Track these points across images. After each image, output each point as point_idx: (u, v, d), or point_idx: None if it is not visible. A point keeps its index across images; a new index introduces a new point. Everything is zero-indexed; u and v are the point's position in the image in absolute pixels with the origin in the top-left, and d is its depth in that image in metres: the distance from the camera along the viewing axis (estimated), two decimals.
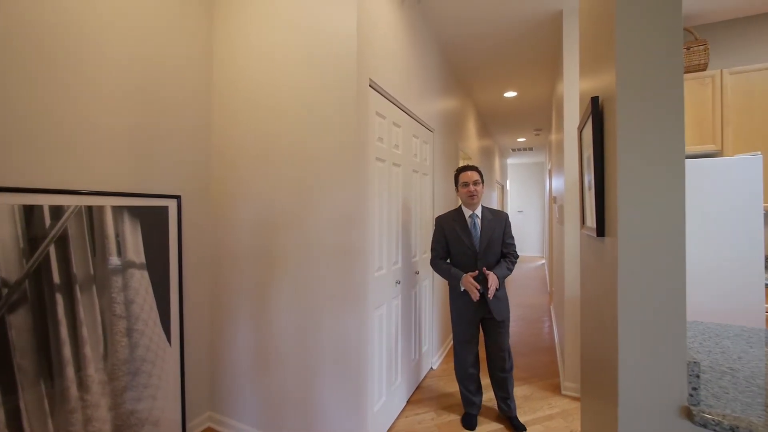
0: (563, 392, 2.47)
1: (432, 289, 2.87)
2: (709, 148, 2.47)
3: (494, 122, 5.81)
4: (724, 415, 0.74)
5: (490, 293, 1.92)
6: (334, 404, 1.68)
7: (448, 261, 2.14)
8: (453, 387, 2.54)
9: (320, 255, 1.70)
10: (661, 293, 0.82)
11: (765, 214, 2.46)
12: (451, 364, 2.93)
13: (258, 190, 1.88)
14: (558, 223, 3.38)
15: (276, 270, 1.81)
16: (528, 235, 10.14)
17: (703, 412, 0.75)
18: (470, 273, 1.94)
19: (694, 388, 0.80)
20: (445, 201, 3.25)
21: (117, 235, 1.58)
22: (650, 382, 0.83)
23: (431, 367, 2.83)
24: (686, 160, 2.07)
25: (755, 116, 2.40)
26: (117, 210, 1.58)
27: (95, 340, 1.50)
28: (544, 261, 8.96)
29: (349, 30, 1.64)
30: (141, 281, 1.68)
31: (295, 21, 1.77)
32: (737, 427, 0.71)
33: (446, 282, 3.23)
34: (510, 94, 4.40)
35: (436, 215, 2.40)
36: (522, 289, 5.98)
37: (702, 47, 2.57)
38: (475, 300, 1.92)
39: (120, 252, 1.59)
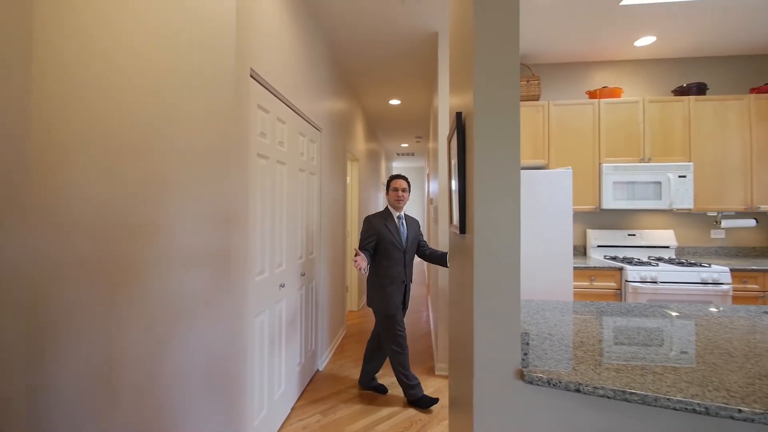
0: (437, 373, 2.77)
1: (319, 289, 2.85)
2: (541, 161, 3.13)
3: (381, 127, 6.13)
4: (543, 371, 0.94)
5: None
6: (208, 428, 1.50)
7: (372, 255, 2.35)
8: (340, 385, 2.58)
9: (190, 261, 1.49)
10: (503, 278, 1.00)
11: (573, 214, 3.25)
12: (339, 363, 2.97)
13: (101, 189, 1.53)
14: (434, 222, 3.77)
15: (129, 281, 1.51)
16: None
17: (531, 372, 0.94)
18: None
19: (525, 354, 1.00)
20: (333, 201, 3.27)
21: None
22: (495, 352, 1.01)
23: (317, 369, 2.81)
24: (524, 170, 2.58)
25: (569, 139, 3.14)
26: None
27: None
28: None
29: (227, 11, 1.49)
30: None
31: None
32: (551, 379, 0.91)
33: (331, 282, 3.25)
34: (395, 101, 4.71)
35: (323, 214, 2.39)
36: None
37: (536, 82, 3.23)
38: (359, 269, 2.14)
39: None
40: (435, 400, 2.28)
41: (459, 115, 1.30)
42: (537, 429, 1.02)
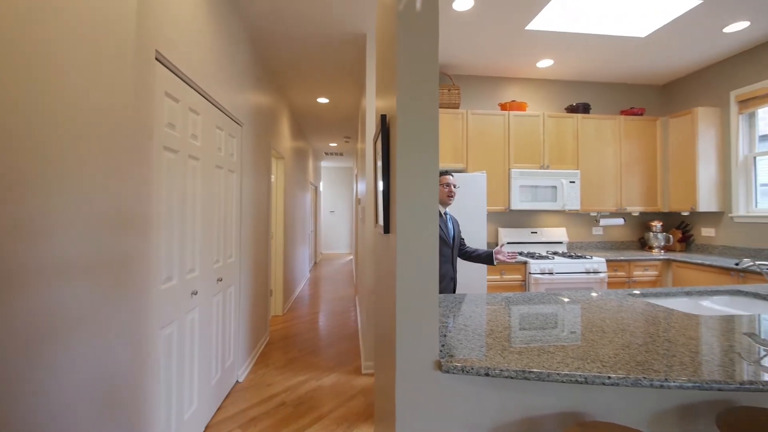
0: (363, 372, 2.80)
1: (239, 294, 2.66)
2: (460, 165, 3.36)
3: (309, 125, 5.98)
4: (458, 360, 1.01)
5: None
6: None
7: None
8: (263, 395, 2.44)
9: (73, 269, 1.27)
10: (422, 276, 1.05)
11: (487, 214, 3.56)
12: (261, 372, 2.81)
13: None
14: (361, 222, 3.80)
15: None
16: (339, 234, 10.98)
17: (447, 362, 1.01)
18: None
19: (443, 345, 1.06)
20: (256, 201, 3.09)
21: None
22: (415, 346, 1.05)
23: (237, 381, 2.62)
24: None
25: (484, 146, 3.44)
26: None
27: None
28: (352, 257, 9.91)
29: None
30: None
31: None
32: (465, 367, 0.99)
33: (253, 286, 3.07)
34: (323, 100, 4.63)
35: (244, 214, 2.23)
36: (332, 284, 6.40)
37: (457, 91, 3.47)
38: None
39: None
40: None
41: (384, 117, 1.33)
42: (453, 413, 1.09)
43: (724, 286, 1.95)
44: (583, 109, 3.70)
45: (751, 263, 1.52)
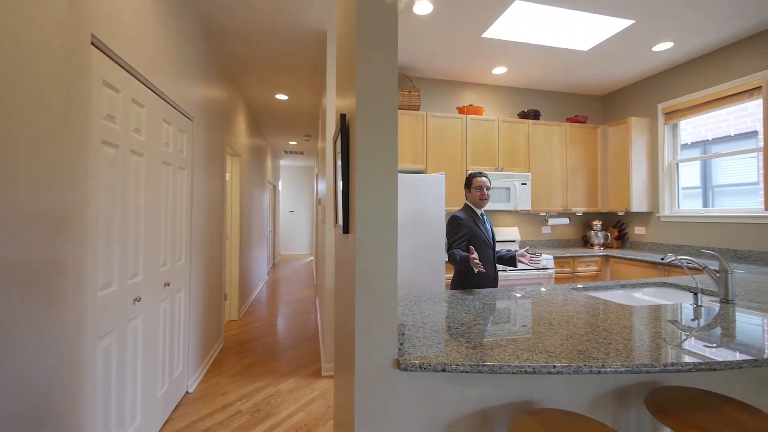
0: (324, 374, 2.76)
1: (189, 299, 2.51)
2: (420, 166, 3.43)
3: (267, 122, 5.78)
4: (416, 357, 1.03)
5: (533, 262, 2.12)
6: None
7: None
8: (215, 405, 2.32)
9: None
10: (381, 276, 1.06)
11: (446, 214, 3.66)
12: (214, 380, 2.67)
13: None
14: (321, 222, 3.74)
15: None
16: (299, 234, 10.73)
17: (406, 360, 1.02)
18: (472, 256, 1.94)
19: (401, 344, 1.07)
20: (209, 200, 2.92)
21: None
22: (375, 345, 1.06)
23: (187, 391, 2.46)
24: (405, 174, 2.80)
25: (443, 147, 3.54)
26: None
27: None
28: (312, 258, 9.73)
29: None
30: None
31: None
32: (422, 364, 1.01)
33: (205, 290, 2.91)
34: (282, 96, 4.50)
35: (195, 214, 2.10)
36: (292, 286, 6.25)
37: (417, 93, 3.53)
38: (479, 270, 1.94)
39: None
40: None
41: (343, 117, 1.32)
42: (412, 410, 1.11)
43: (652, 279, 2.17)
44: (534, 115, 3.93)
45: (674, 258, 1.71)
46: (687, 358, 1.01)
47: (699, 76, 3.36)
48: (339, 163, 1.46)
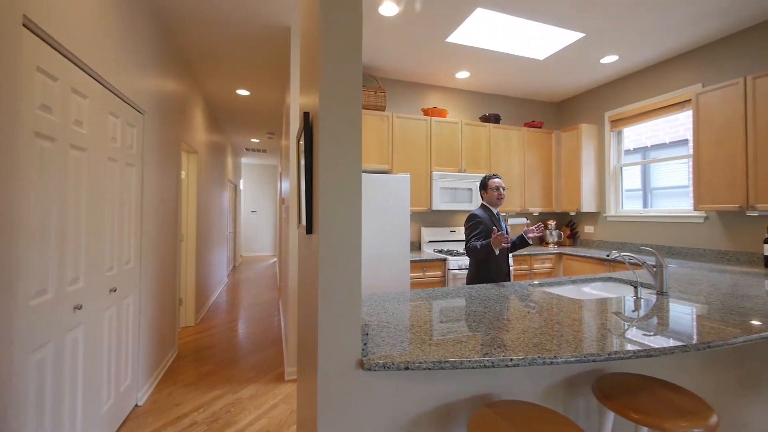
0: (286, 378, 2.69)
1: (138, 306, 2.34)
2: (385, 167, 3.45)
3: (228, 118, 5.54)
4: (380, 357, 1.03)
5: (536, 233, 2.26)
6: None
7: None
8: (168, 417, 2.18)
9: None
10: (345, 276, 1.05)
11: (410, 214, 3.71)
12: (167, 391, 2.51)
13: None
14: (285, 222, 3.65)
15: None
16: (261, 235, 10.39)
17: (369, 360, 1.02)
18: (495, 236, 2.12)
19: (365, 344, 1.07)
20: (162, 199, 2.75)
21: None
22: (338, 346, 1.04)
23: (136, 404, 2.30)
24: (370, 174, 2.80)
25: (408, 148, 3.58)
26: None
27: None
28: (275, 259, 9.46)
29: None
30: None
31: None
32: (386, 363, 1.01)
33: (157, 296, 2.74)
34: (243, 92, 4.33)
35: (146, 214, 1.95)
36: (254, 288, 6.03)
37: (383, 94, 3.54)
38: (506, 244, 2.11)
39: None
40: None
41: (307, 115, 1.29)
42: (376, 410, 1.11)
43: (599, 275, 2.33)
44: (495, 119, 4.09)
45: (618, 255, 1.85)
46: (629, 347, 1.09)
47: (640, 87, 3.67)
48: (303, 162, 1.43)
